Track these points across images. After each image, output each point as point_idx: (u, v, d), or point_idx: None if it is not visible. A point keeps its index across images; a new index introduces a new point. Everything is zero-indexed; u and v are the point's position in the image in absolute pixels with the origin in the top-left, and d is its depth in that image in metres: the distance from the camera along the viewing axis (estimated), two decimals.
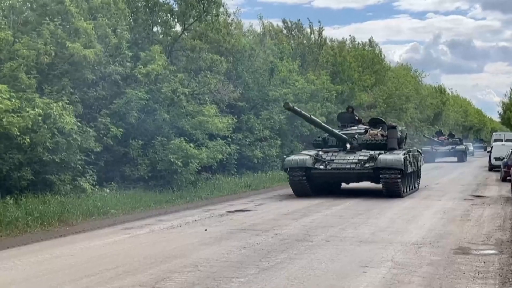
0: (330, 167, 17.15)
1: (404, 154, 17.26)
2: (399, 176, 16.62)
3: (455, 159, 42.96)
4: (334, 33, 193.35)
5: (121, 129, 16.67)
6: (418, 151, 21.14)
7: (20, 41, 14.75)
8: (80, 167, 15.29)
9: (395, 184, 16.67)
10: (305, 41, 38.26)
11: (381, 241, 9.91)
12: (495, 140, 42.33)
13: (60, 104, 14.27)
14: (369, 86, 43.51)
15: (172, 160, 17.37)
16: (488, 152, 33.92)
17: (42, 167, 14.45)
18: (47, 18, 15.53)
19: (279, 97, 26.54)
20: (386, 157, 16.75)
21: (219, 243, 9.83)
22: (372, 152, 17.30)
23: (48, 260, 8.69)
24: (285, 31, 38.87)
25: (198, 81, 20.93)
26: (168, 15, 21.92)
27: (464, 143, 46.85)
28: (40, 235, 10.91)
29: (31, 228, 11.42)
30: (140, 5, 21.43)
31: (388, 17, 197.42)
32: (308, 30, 39.00)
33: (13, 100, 13.09)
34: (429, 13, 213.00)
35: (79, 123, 15.11)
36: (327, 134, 18.97)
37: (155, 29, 22.19)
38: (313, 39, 38.55)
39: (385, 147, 18.20)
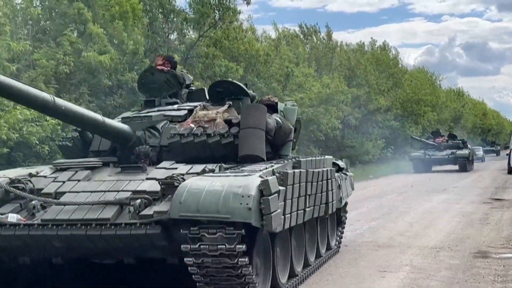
0: (37, 221, 5.55)
1: (270, 174, 5.88)
2: (241, 244, 5.16)
3: (456, 167, 32.64)
4: (348, 37, 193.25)
5: None
6: (336, 163, 9.18)
7: (39, 51, 14.95)
8: None
9: (222, 270, 5.27)
10: (319, 46, 38.39)
11: (399, 245, 9.88)
12: None
13: None
14: (386, 90, 43.24)
15: None
16: (507, 154, 33.46)
17: None
18: (68, 28, 15.76)
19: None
20: (198, 188, 5.25)
21: None
22: (181, 170, 6.22)
23: None
24: (301, 36, 39.02)
25: None
26: (184, 22, 22.14)
27: (469, 147, 35.60)
28: None
29: None
30: (155, 11, 21.67)
31: (403, 20, 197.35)
32: (321, 34, 39.30)
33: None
34: (444, 15, 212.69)
35: None
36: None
37: (171, 37, 22.39)
38: (325, 42, 38.74)
39: (233, 152, 6.98)
